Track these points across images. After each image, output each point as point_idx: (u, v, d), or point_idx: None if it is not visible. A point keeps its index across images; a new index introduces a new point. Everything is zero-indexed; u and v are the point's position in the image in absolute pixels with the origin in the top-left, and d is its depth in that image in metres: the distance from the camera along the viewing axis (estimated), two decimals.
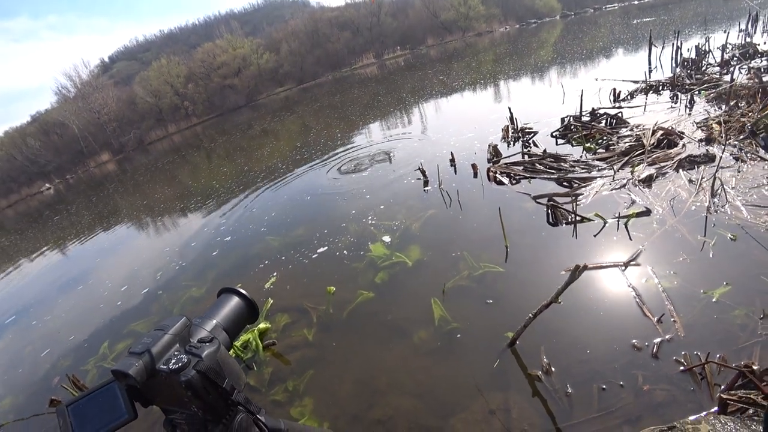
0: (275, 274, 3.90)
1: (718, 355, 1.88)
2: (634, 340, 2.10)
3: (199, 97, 37.83)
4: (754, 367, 1.73)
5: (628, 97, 6.25)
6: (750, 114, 4.29)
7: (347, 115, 12.85)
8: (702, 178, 3.38)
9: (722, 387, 1.76)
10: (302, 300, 3.36)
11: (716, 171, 3.25)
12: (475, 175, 4.84)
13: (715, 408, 1.70)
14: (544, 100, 7.62)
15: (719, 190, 3.12)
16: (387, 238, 3.95)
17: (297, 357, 2.79)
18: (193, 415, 1.11)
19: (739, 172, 3.33)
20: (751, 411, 1.64)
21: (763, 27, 9.37)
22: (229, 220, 5.96)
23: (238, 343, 3.04)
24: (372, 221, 4.43)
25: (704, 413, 1.68)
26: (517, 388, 2.05)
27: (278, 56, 39.85)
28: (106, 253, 6.85)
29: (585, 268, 1.91)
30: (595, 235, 3.08)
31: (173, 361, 1.04)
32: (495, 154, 5.11)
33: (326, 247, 4.12)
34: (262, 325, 3.14)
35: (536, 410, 1.92)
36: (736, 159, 3.56)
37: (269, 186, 7.09)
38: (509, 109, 6.04)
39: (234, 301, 1.37)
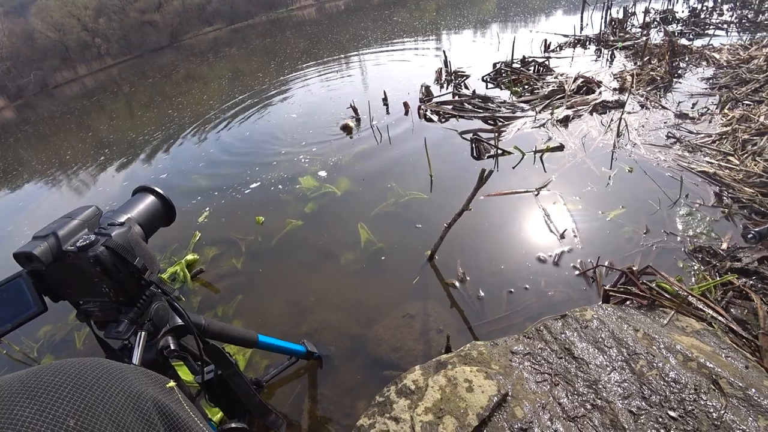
0: (207, 209, 3.77)
1: (607, 261, 2.16)
2: (540, 254, 2.34)
3: (113, 35, 33.47)
4: (634, 269, 2.02)
5: (558, 48, 6.52)
6: (659, 69, 4.72)
7: (283, 60, 12.15)
8: (611, 120, 3.72)
9: (607, 286, 2.03)
10: (231, 232, 3.29)
11: (623, 115, 3.59)
12: (407, 113, 4.91)
13: (600, 301, 1.97)
14: (479, 48, 7.70)
15: (624, 131, 3.45)
16: (319, 172, 3.93)
17: (226, 285, 2.76)
18: (105, 301, 1.07)
19: (644, 118, 3.69)
20: (628, 302, 1.93)
21: None
22: (163, 162, 5.58)
23: (165, 276, 2.93)
24: (304, 157, 4.37)
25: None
26: (435, 296, 2.21)
27: None
28: (24, 203, 6.06)
29: (491, 172, 2.06)
30: (514, 167, 3.30)
31: (81, 241, 0.99)
32: (427, 94, 5.19)
33: (259, 183, 4.02)
34: (189, 257, 3.04)
35: (451, 313, 2.10)
36: (642, 106, 3.94)
37: (203, 129, 6.63)
38: (444, 52, 6.09)
39: (149, 199, 1.29)
